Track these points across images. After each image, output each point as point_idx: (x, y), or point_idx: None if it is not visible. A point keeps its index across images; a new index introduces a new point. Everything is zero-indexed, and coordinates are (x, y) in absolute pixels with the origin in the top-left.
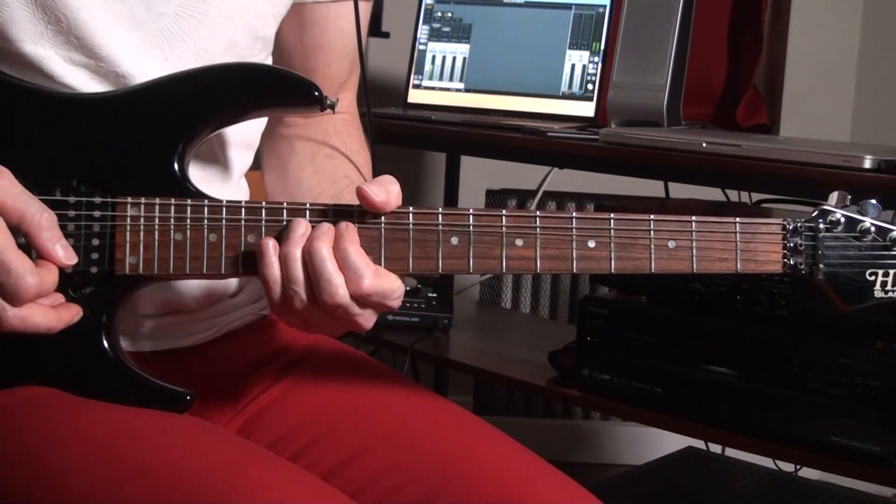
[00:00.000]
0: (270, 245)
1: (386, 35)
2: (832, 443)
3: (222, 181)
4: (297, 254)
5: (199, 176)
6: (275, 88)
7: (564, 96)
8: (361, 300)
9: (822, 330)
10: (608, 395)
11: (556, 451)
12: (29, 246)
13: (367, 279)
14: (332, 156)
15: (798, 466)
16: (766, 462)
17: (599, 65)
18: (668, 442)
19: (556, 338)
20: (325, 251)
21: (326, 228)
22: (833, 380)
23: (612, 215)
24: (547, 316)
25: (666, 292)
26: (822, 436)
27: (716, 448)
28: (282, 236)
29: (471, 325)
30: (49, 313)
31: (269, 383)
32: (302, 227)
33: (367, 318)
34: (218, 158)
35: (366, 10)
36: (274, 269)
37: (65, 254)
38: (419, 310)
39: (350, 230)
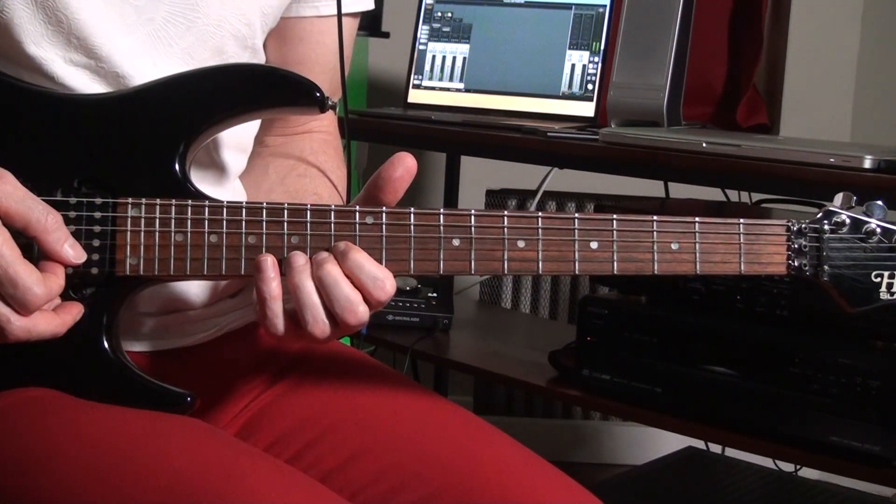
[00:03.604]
0: (269, 261)
1: (386, 35)
2: (832, 443)
3: (218, 183)
4: (308, 283)
5: (195, 178)
6: (277, 89)
7: (564, 96)
8: (379, 304)
9: (822, 330)
10: (608, 395)
11: (556, 451)
12: (32, 245)
13: (388, 282)
14: (305, 174)
15: (798, 466)
16: (766, 462)
17: (599, 65)
18: (668, 442)
19: (556, 338)
20: (336, 272)
21: (326, 254)
22: (833, 380)
23: (614, 216)
24: (547, 316)
25: (666, 292)
26: (822, 436)
27: (716, 448)
28: (283, 270)
29: (471, 325)
30: (53, 319)
31: (268, 383)
32: (301, 257)
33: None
34: (213, 161)
35: (350, 26)
36: (273, 285)
37: (74, 253)
38: (419, 310)
39: (350, 245)
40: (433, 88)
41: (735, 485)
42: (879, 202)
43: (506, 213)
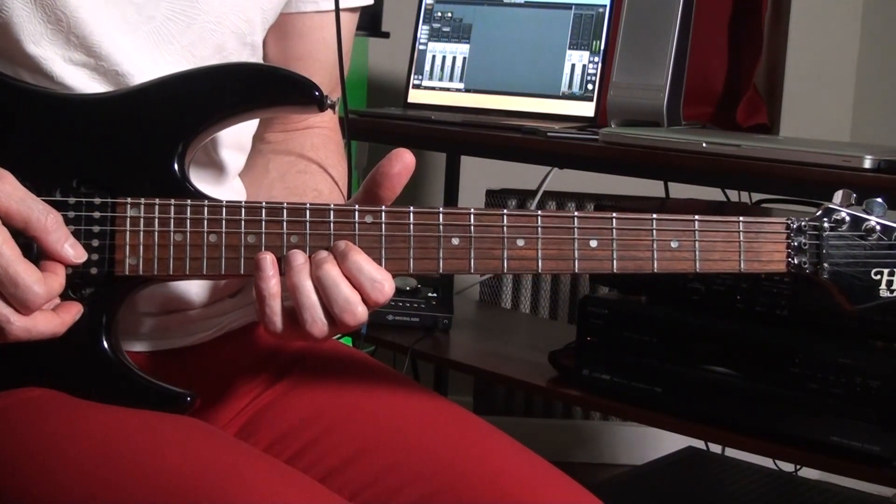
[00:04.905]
0: (269, 259)
1: (386, 35)
2: (832, 443)
3: (217, 182)
4: (306, 283)
5: (194, 177)
6: (275, 88)
7: (564, 96)
8: (377, 305)
9: (822, 330)
10: (608, 395)
11: (556, 451)
12: (32, 245)
13: (387, 283)
14: (305, 171)
15: (798, 466)
16: (766, 462)
17: (599, 65)
18: (668, 442)
19: (556, 338)
20: (335, 273)
21: (326, 254)
22: (833, 380)
23: (614, 214)
24: (547, 316)
25: (666, 292)
26: (822, 436)
27: (716, 448)
28: (282, 269)
29: (471, 325)
30: (52, 319)
31: (268, 383)
32: (300, 256)
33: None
34: (212, 160)
35: (350, 22)
36: (272, 283)
37: (74, 252)
38: (419, 310)
39: (350, 245)
40: (433, 88)
41: (735, 485)
42: (879, 200)
43: (505, 211)
